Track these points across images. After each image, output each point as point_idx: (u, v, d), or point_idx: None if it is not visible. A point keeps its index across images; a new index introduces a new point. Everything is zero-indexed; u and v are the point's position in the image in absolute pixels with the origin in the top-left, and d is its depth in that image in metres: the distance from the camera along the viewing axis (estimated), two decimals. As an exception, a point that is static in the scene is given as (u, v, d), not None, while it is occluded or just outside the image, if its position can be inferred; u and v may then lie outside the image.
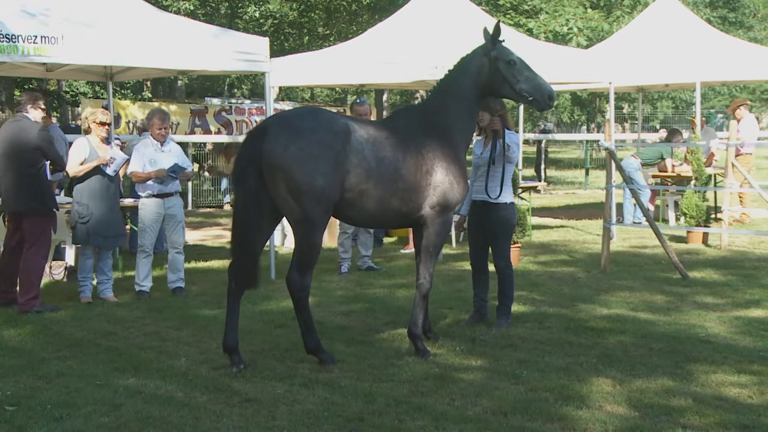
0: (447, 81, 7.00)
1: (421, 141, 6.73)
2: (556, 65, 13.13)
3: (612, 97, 14.60)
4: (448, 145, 6.83)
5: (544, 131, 28.09)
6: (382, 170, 6.50)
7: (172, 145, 9.81)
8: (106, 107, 12.32)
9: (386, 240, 14.04)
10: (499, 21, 7.19)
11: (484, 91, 7.02)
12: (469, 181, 7.39)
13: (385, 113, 34.31)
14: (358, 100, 11.42)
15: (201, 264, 11.66)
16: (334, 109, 16.21)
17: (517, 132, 8.46)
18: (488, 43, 6.99)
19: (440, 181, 6.74)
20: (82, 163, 9.17)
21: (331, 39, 27.45)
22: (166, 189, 9.59)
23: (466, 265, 8.39)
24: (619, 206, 15.03)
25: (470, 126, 7.12)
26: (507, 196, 7.87)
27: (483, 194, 7.81)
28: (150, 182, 9.54)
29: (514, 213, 8.07)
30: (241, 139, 15.75)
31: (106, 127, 9.39)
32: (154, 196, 9.57)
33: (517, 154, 8.06)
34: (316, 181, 6.24)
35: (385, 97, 35.54)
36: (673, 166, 14.92)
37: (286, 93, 39.58)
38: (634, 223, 14.50)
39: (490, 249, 7.99)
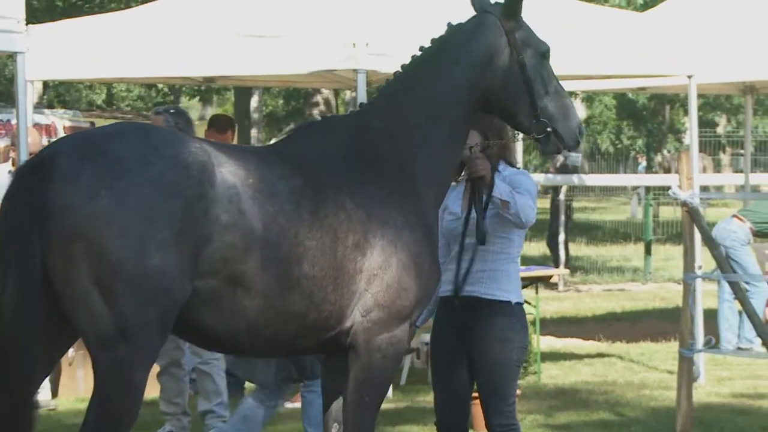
0: (417, 72, 7.18)
1: (347, 185, 6.82)
2: (587, 43, 13.39)
3: (694, 103, 14.80)
4: (405, 195, 6.96)
5: (564, 169, 28.10)
6: (273, 238, 6.52)
7: None
8: None
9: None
10: None
11: (485, 102, 7.27)
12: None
13: (255, 133, 34.51)
14: (157, 111, 11.58)
15: None
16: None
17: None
18: (506, 11, 7.16)
19: (380, 263, 6.79)
20: None
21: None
22: None
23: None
24: (710, 315, 15.22)
25: (452, 160, 7.31)
26: (510, 291, 7.93)
27: (459, 286, 7.93)
28: None
29: (525, 326, 8.09)
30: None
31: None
32: None
33: (531, 214, 7.84)
34: (148, 259, 6.20)
35: (254, 101, 35.73)
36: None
37: (58, 94, 39.58)
38: (738, 349, 14.69)
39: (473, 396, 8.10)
